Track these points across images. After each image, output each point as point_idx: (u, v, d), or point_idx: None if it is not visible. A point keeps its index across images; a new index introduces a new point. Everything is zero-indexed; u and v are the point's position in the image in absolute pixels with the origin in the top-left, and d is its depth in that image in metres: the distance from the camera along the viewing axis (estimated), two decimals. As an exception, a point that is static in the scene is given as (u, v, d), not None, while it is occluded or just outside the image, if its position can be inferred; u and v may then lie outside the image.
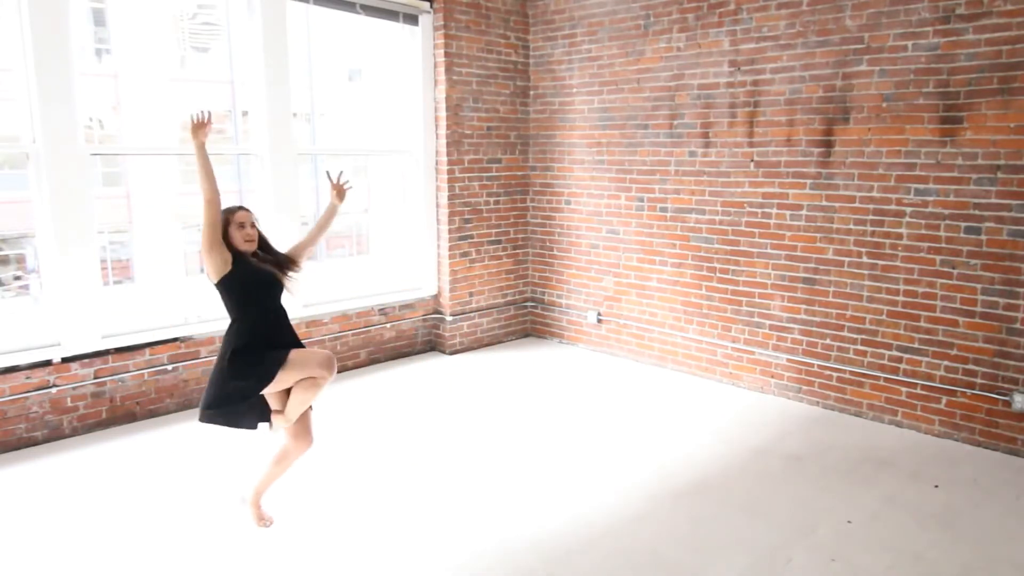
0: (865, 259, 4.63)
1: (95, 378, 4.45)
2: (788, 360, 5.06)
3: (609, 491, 3.72)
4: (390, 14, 5.68)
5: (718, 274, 5.36)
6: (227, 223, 3.22)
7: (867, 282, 4.63)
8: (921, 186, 4.36)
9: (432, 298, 6.22)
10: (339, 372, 5.59)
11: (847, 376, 4.79)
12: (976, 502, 3.64)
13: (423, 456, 4.15)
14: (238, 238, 3.24)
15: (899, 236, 4.47)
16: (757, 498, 3.66)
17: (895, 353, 4.58)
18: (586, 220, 6.15)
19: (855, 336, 4.73)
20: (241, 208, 3.30)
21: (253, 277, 3.26)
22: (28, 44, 4.07)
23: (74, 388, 4.37)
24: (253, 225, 3.30)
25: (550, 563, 3.09)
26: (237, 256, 3.22)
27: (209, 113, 3.21)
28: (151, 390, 4.67)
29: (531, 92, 6.40)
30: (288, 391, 3.32)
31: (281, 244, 5.24)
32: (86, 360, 4.41)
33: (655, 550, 3.18)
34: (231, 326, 3.29)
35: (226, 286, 3.21)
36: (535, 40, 6.30)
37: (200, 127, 3.18)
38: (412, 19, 5.78)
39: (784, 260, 5.00)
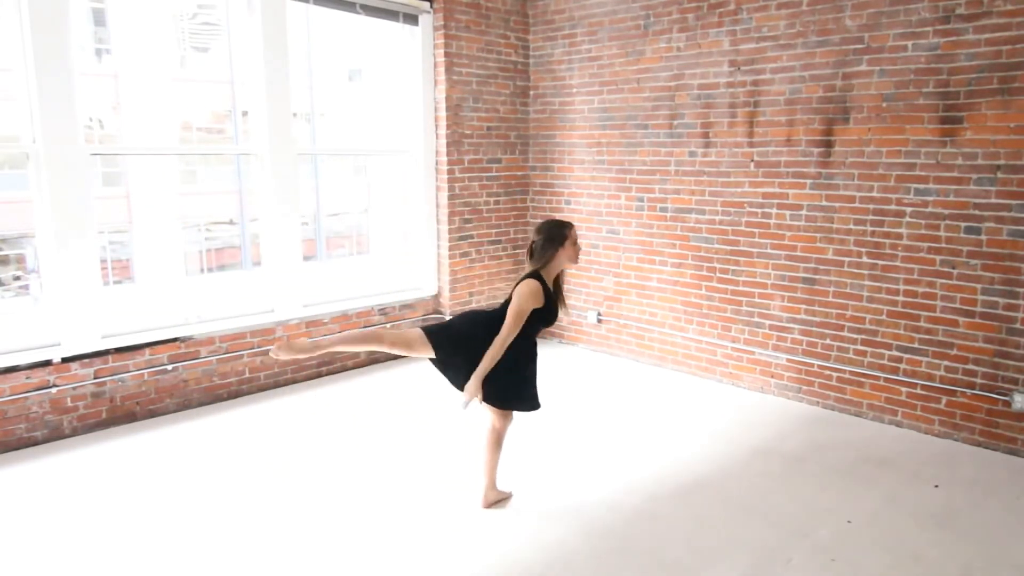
0: (865, 259, 4.63)
1: (95, 378, 4.45)
2: (788, 360, 5.06)
3: (608, 490, 3.72)
4: (390, 14, 5.68)
5: (718, 274, 5.36)
6: (565, 239, 3.35)
7: (867, 282, 4.63)
8: (921, 186, 4.36)
9: (432, 298, 6.22)
10: (338, 372, 5.62)
11: (847, 376, 4.79)
12: (976, 502, 3.64)
13: (422, 456, 4.15)
14: (572, 255, 3.40)
15: (899, 236, 4.47)
16: (757, 498, 3.66)
17: (895, 353, 4.58)
18: (586, 220, 6.15)
19: (855, 336, 4.73)
20: (572, 224, 3.45)
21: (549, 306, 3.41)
22: (28, 44, 4.07)
23: (74, 388, 4.37)
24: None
25: (549, 563, 3.09)
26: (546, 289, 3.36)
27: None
28: (151, 390, 4.67)
29: (531, 92, 6.41)
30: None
31: (285, 247, 5.27)
32: (86, 360, 4.41)
33: (655, 550, 3.18)
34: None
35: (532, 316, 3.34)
36: (535, 40, 6.30)
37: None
38: (412, 19, 5.78)
39: (784, 260, 5.00)
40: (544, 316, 3.38)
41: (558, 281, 3.46)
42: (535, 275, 3.34)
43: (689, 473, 3.94)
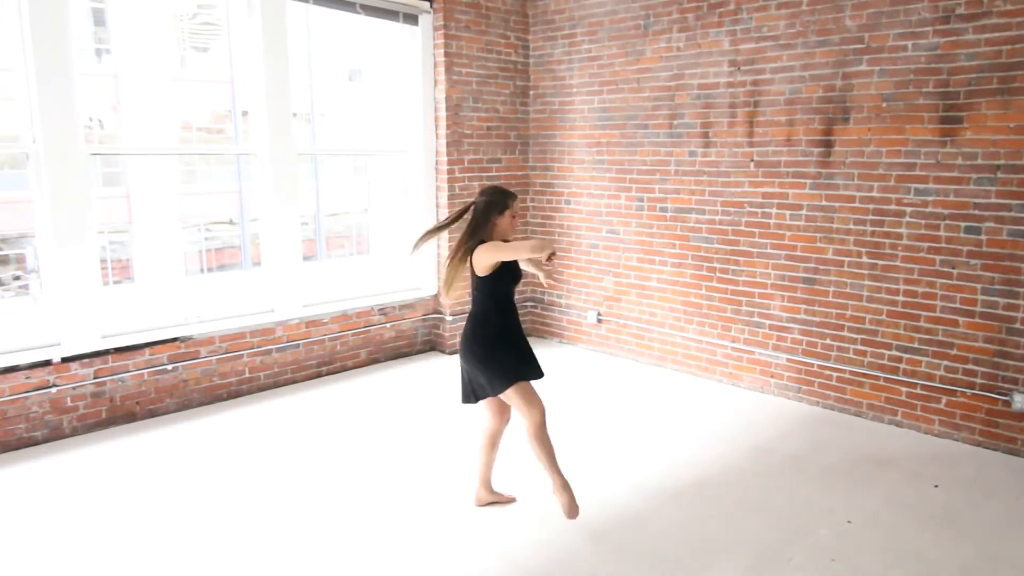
0: (865, 259, 4.63)
1: (95, 378, 4.45)
2: (788, 360, 5.06)
3: (609, 491, 3.72)
4: (390, 14, 5.68)
5: (718, 274, 5.36)
6: (505, 208, 3.27)
7: (867, 282, 4.63)
8: (921, 186, 4.36)
9: (432, 298, 6.22)
10: (337, 372, 5.62)
11: (847, 376, 4.79)
12: (976, 502, 3.64)
13: (422, 456, 4.15)
14: (509, 227, 3.30)
15: (899, 236, 4.47)
16: (757, 498, 3.66)
17: (895, 353, 4.58)
18: (586, 220, 6.15)
19: (855, 336, 4.73)
20: (517, 197, 3.37)
21: (511, 266, 3.34)
22: (28, 44, 4.07)
23: (74, 388, 4.37)
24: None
25: (550, 563, 3.09)
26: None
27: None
28: (151, 390, 4.67)
29: (531, 92, 6.40)
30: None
31: (285, 246, 5.27)
32: (86, 360, 4.41)
33: (655, 549, 3.18)
34: (480, 314, 3.31)
35: (492, 277, 3.25)
36: (535, 40, 6.30)
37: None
38: (412, 19, 5.78)
39: (784, 260, 5.00)
40: (505, 273, 3.28)
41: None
42: (479, 243, 3.26)
43: (689, 473, 3.94)
